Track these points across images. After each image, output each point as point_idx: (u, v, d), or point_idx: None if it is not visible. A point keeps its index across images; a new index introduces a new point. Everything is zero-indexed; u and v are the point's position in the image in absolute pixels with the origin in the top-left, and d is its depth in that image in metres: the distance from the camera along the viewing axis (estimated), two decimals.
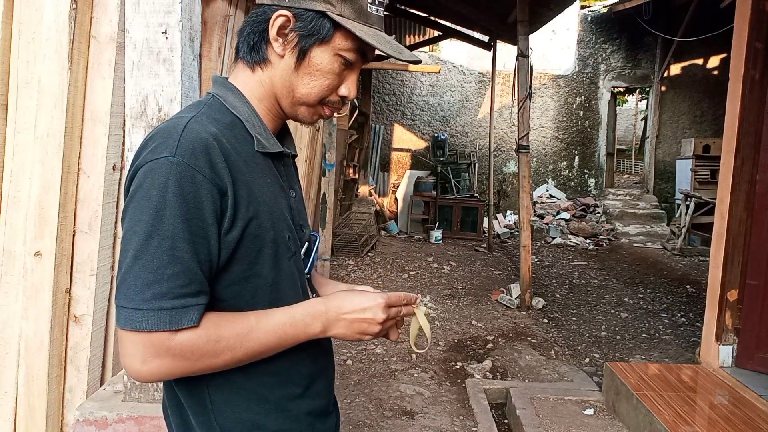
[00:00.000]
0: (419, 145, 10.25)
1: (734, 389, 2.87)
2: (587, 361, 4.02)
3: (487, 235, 8.38)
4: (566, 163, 10.32)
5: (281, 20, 0.87)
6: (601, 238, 8.95)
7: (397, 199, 9.83)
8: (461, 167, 9.64)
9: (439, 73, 9.83)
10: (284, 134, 1.03)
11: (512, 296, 5.31)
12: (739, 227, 3.06)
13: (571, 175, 10.36)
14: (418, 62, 1.02)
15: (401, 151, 10.30)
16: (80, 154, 1.80)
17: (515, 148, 5.87)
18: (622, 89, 10.44)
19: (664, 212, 9.61)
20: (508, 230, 9.18)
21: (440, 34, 8.83)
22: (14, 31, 1.71)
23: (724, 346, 3.09)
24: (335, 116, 1.01)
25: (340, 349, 3.83)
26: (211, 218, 0.79)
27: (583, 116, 10.21)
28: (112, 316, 1.93)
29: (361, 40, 0.88)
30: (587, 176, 10.35)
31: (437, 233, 8.47)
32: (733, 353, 3.08)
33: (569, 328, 4.76)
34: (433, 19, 8.21)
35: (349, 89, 0.94)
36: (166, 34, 1.58)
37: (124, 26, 1.70)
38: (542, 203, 10.03)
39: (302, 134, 4.39)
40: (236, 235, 0.82)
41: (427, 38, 9.35)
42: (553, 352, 4.13)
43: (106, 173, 1.82)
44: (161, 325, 0.75)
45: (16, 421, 1.80)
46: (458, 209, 8.81)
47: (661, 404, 2.65)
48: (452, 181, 9.31)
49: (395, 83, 10.17)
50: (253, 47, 0.91)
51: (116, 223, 1.91)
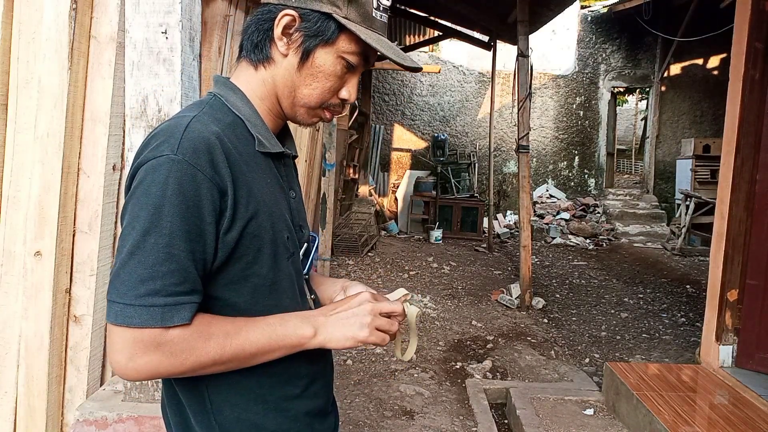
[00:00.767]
0: (419, 145, 10.25)
1: (734, 389, 2.87)
2: (587, 361, 4.02)
3: (487, 235, 8.38)
4: (566, 163, 10.32)
5: (287, 19, 0.87)
6: (601, 238, 8.95)
7: (397, 199, 9.83)
8: (461, 167, 9.64)
9: (439, 73, 9.83)
10: (285, 135, 1.03)
11: (512, 296, 5.31)
12: (739, 227, 3.06)
13: (571, 175, 10.36)
14: (419, 69, 1.01)
15: (401, 151, 10.30)
16: (80, 154, 1.80)
17: (515, 148, 5.87)
18: (622, 89, 10.44)
19: (664, 212, 9.61)
20: (508, 230, 9.18)
21: (440, 34, 8.83)
22: (14, 31, 1.71)
23: (724, 346, 3.09)
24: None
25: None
26: (209, 217, 0.79)
27: (583, 116, 10.21)
28: None
29: (364, 44, 0.88)
30: (587, 176, 10.35)
31: (437, 233, 8.47)
32: (733, 353, 3.08)
33: (569, 328, 4.76)
34: (433, 19, 8.21)
35: (349, 92, 0.94)
36: (166, 34, 1.58)
37: (124, 26, 1.70)
38: (542, 203, 10.03)
39: (302, 134, 4.39)
40: (235, 234, 0.82)
41: (427, 38, 9.34)
42: (553, 352, 4.13)
43: (106, 173, 1.82)
44: (152, 321, 0.74)
45: (16, 421, 1.80)
46: (458, 209, 8.81)
47: (661, 404, 2.65)
48: (452, 181, 9.31)
49: (395, 83, 10.17)
50: (257, 45, 0.91)
51: (116, 223, 1.91)
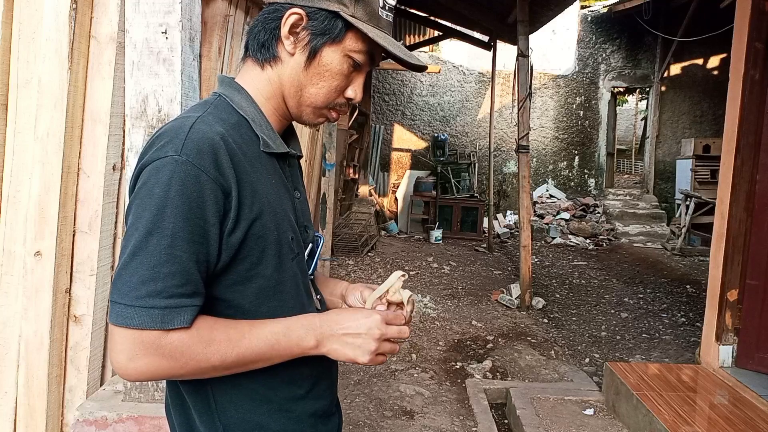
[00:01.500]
0: (419, 145, 10.25)
1: (734, 389, 2.87)
2: (587, 361, 4.02)
3: (487, 235, 8.38)
4: (566, 163, 10.32)
5: (294, 18, 0.87)
6: (601, 238, 8.95)
7: (397, 199, 9.83)
8: (461, 167, 9.64)
9: (439, 73, 9.83)
10: (289, 135, 1.02)
11: (512, 296, 5.31)
12: (739, 227, 3.06)
13: (571, 175, 10.36)
14: (424, 68, 1.00)
15: (401, 151, 10.30)
16: (80, 154, 1.80)
17: (515, 148, 5.87)
18: (622, 89, 10.43)
19: (664, 212, 9.61)
20: (508, 230, 9.18)
21: (440, 34, 8.84)
22: (14, 31, 1.71)
23: (724, 346, 3.09)
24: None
25: None
26: (213, 218, 0.78)
27: (583, 116, 10.21)
28: None
29: (371, 42, 0.88)
30: (587, 176, 10.35)
31: (437, 233, 8.46)
32: (733, 353, 3.08)
33: (569, 328, 4.76)
34: (433, 19, 8.21)
35: (355, 91, 0.94)
36: (166, 34, 1.58)
37: (124, 26, 1.69)
38: (542, 203, 10.03)
39: (302, 134, 4.39)
40: (239, 235, 0.81)
41: (427, 38, 9.35)
42: (553, 352, 4.13)
43: (106, 173, 1.82)
44: (152, 323, 0.74)
45: (16, 421, 1.80)
46: (458, 209, 8.81)
47: (661, 404, 2.65)
48: (452, 181, 9.31)
49: (395, 83, 10.17)
50: (263, 44, 0.91)
51: (116, 223, 1.91)
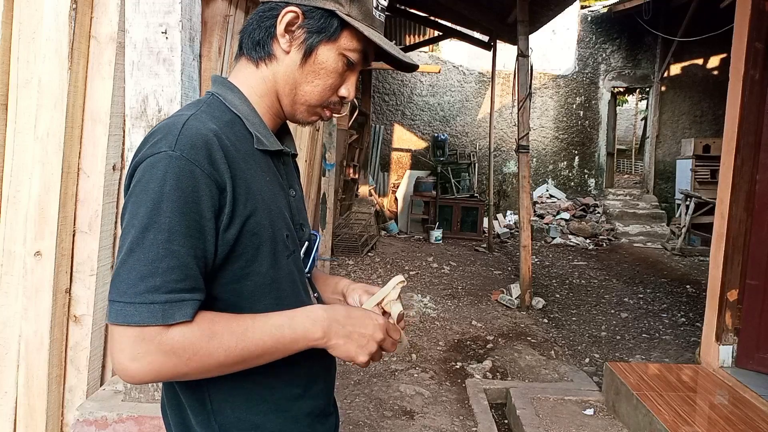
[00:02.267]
0: (419, 145, 10.25)
1: (734, 389, 2.87)
2: (587, 361, 4.02)
3: (487, 235, 8.38)
4: (566, 163, 10.32)
5: (290, 16, 0.88)
6: (601, 238, 8.95)
7: (397, 199, 9.83)
8: (461, 167, 9.64)
9: (439, 73, 9.83)
10: (284, 133, 1.03)
11: (512, 296, 5.31)
12: (739, 227, 3.06)
13: (571, 175, 10.36)
14: (416, 67, 1.02)
15: (401, 151, 10.30)
16: (80, 154, 1.80)
17: (515, 148, 5.87)
18: (622, 89, 10.43)
19: (664, 212, 9.61)
20: (508, 230, 9.18)
21: (440, 34, 8.84)
22: (14, 31, 1.71)
23: (724, 346, 3.09)
24: (335, 116, 1.01)
25: None
26: (208, 213, 0.78)
27: (583, 116, 10.21)
28: None
29: (365, 41, 0.90)
30: (587, 176, 10.35)
31: (437, 233, 8.46)
32: (733, 353, 3.08)
33: (569, 328, 4.76)
34: (433, 19, 8.21)
35: (348, 90, 0.95)
36: (166, 34, 1.58)
37: (124, 26, 1.70)
38: (542, 203, 10.03)
39: (302, 134, 4.39)
40: (234, 232, 0.81)
41: (427, 38, 9.35)
42: (553, 352, 4.13)
43: (106, 173, 1.82)
44: (153, 319, 0.72)
45: (16, 421, 1.80)
46: (458, 209, 8.81)
47: (661, 404, 2.65)
48: (452, 181, 9.31)
49: (395, 83, 10.17)
50: (258, 42, 0.91)
51: (116, 223, 1.91)
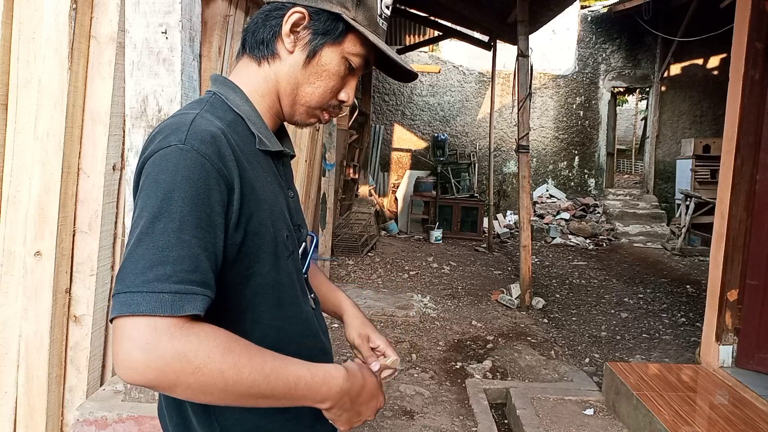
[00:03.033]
0: (419, 145, 10.25)
1: (734, 389, 2.87)
2: (587, 361, 4.02)
3: (487, 235, 8.38)
4: (566, 163, 10.32)
5: (296, 17, 0.88)
6: (601, 238, 8.95)
7: (397, 199, 9.83)
8: (461, 167, 9.64)
9: (439, 73, 9.84)
10: (282, 134, 1.03)
11: (512, 296, 5.31)
12: (739, 227, 3.06)
13: (571, 175, 10.36)
14: (415, 77, 1.01)
15: (401, 151, 10.30)
16: (80, 154, 1.80)
17: (515, 148, 5.87)
18: (622, 89, 10.43)
19: (664, 212, 9.61)
20: (508, 230, 9.18)
21: (440, 34, 8.83)
22: (14, 31, 1.71)
23: (724, 346, 3.09)
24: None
25: (339, 349, 3.83)
26: (218, 208, 0.76)
27: (583, 116, 10.21)
28: None
29: (368, 46, 0.91)
30: (587, 176, 10.35)
31: (437, 233, 8.46)
32: (733, 353, 3.08)
33: (569, 328, 4.76)
34: (433, 19, 8.21)
35: (348, 94, 0.95)
36: (166, 34, 1.58)
37: (124, 26, 1.70)
38: (542, 203, 10.03)
39: (302, 134, 4.39)
40: (241, 232, 0.81)
41: (427, 38, 9.35)
42: (553, 352, 4.13)
43: (106, 173, 1.82)
44: (162, 308, 0.66)
45: (16, 421, 1.80)
46: (458, 209, 8.81)
47: (661, 404, 2.65)
48: (452, 181, 9.31)
49: (395, 83, 10.16)
50: (263, 41, 0.91)
51: (116, 223, 1.91)
